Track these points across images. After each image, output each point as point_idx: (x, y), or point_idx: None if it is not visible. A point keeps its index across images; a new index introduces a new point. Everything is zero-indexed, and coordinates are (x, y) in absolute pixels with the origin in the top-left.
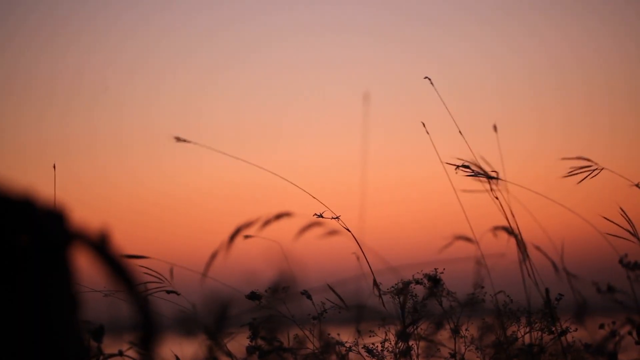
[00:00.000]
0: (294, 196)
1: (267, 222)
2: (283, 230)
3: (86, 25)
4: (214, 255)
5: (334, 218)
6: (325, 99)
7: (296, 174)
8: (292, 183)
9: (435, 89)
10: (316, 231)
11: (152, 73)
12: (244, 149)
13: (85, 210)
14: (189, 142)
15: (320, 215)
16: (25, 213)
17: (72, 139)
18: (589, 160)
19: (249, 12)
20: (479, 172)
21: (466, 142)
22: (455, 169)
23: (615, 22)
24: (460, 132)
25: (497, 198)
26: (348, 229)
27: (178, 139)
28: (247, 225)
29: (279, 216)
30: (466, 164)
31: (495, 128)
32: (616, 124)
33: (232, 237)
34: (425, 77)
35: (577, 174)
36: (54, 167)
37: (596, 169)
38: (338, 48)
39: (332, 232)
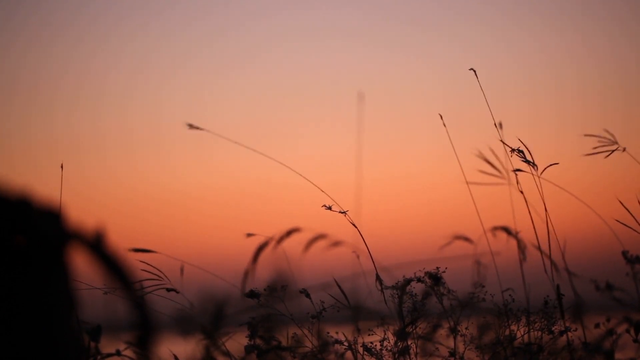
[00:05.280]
0: (296, 194)
1: (280, 240)
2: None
3: (93, 24)
4: (245, 278)
5: (342, 212)
6: (321, 99)
7: (292, 173)
8: (305, 177)
9: (479, 81)
10: (322, 243)
11: (157, 73)
12: (245, 148)
13: (91, 208)
14: (201, 129)
15: (329, 208)
16: (22, 213)
17: (79, 137)
18: (612, 136)
19: (246, 18)
20: (528, 160)
21: (499, 134)
22: (511, 151)
23: (611, 22)
24: (495, 124)
25: (521, 192)
26: (354, 225)
27: (191, 126)
28: (264, 245)
29: (289, 233)
30: (520, 148)
31: (500, 125)
32: (611, 120)
33: (255, 258)
34: (470, 69)
35: (601, 152)
36: (62, 166)
37: (618, 148)
38: (334, 51)
39: (336, 244)
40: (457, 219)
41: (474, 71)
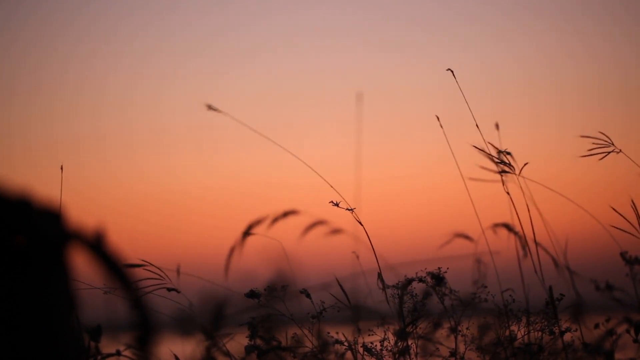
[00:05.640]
0: (296, 194)
1: (275, 220)
2: (286, 228)
3: (93, 24)
4: (230, 253)
5: (349, 209)
6: (320, 100)
7: (292, 171)
8: (318, 174)
9: (457, 81)
10: (320, 230)
11: (158, 73)
12: (244, 147)
13: (91, 208)
14: (220, 111)
15: (337, 204)
16: (22, 213)
17: (80, 138)
18: (608, 138)
19: (245, 19)
20: (506, 163)
21: (482, 136)
22: (498, 153)
23: (609, 22)
24: (477, 125)
25: (508, 193)
26: (360, 222)
27: (210, 108)
28: (257, 222)
29: (286, 214)
30: (503, 150)
31: (497, 126)
32: (608, 121)
33: (245, 235)
34: (448, 69)
35: (596, 153)
36: (61, 168)
37: (614, 150)
38: (333, 52)
39: (336, 231)
40: (457, 219)
41: (452, 72)
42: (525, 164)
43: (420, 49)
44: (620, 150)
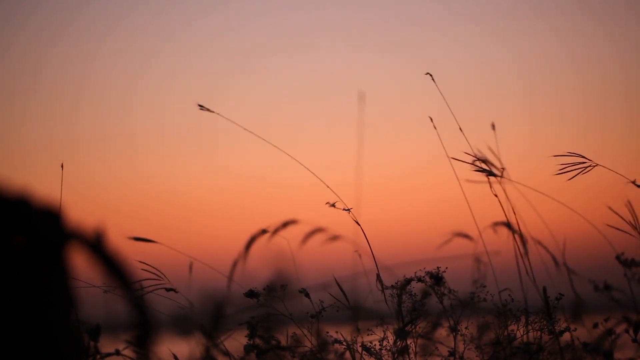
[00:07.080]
0: (296, 194)
1: (275, 231)
2: (285, 232)
3: (94, 24)
4: (234, 265)
5: (346, 210)
6: (321, 100)
7: (293, 171)
8: (313, 173)
9: (437, 85)
10: (319, 237)
11: (160, 73)
12: (245, 147)
13: (92, 208)
14: (211, 111)
15: (333, 205)
16: (21, 213)
17: (81, 137)
18: (581, 156)
19: (247, 20)
20: (485, 170)
21: (466, 138)
22: (472, 162)
23: (608, 23)
24: (460, 128)
25: (496, 195)
26: (358, 223)
27: (201, 107)
28: (258, 235)
29: (285, 224)
30: (480, 157)
31: (493, 126)
32: (608, 121)
33: (248, 247)
34: (427, 73)
35: (568, 171)
36: (62, 166)
37: (589, 165)
38: (334, 53)
39: (334, 238)
40: (457, 218)
41: (431, 76)
42: (503, 169)
43: (420, 49)
44: (597, 164)
